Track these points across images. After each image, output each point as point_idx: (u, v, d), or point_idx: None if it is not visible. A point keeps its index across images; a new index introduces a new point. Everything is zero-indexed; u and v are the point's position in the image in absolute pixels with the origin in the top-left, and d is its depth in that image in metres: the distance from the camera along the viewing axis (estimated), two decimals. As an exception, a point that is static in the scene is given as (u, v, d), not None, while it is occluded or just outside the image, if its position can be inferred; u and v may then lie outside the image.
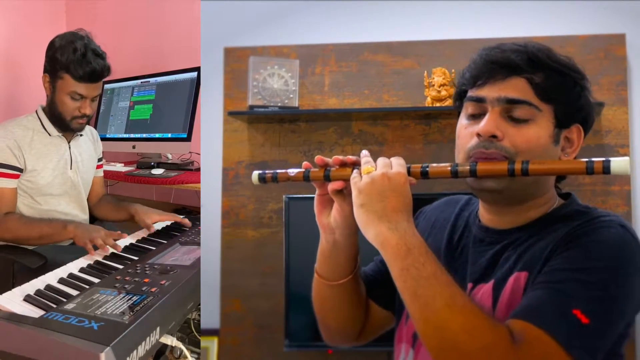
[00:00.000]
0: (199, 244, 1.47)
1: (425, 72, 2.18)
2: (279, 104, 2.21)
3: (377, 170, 0.81)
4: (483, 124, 0.82)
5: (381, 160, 0.83)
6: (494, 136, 0.81)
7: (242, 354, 2.25)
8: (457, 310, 0.72)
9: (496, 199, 0.87)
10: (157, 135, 2.39)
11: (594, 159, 0.75)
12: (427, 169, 0.83)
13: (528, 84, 0.82)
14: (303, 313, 2.08)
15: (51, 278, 1.16)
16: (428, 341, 0.74)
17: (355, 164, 0.87)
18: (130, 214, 1.76)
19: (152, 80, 2.48)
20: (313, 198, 0.93)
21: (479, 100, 0.84)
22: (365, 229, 0.80)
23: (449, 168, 0.83)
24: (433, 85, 2.15)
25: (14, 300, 1.02)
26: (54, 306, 0.96)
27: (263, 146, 2.31)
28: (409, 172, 0.83)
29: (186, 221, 1.71)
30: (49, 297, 1.05)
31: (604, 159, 0.74)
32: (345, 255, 0.93)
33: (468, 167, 0.81)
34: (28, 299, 1.03)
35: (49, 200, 1.72)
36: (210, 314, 2.25)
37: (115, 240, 1.46)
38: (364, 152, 0.86)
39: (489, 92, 0.83)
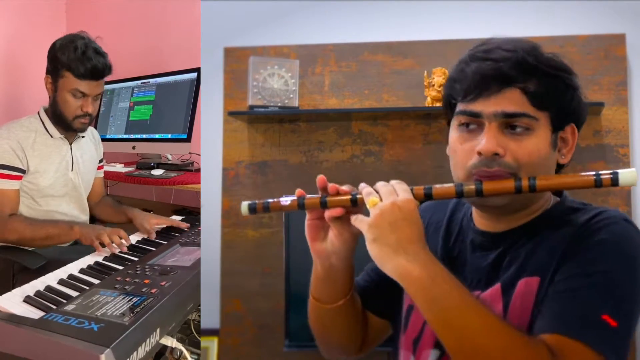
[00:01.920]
0: (199, 244, 1.47)
1: (425, 72, 2.18)
2: (279, 104, 2.21)
3: (384, 200, 0.78)
4: (484, 143, 0.79)
5: (384, 189, 0.80)
6: (495, 154, 0.79)
7: (242, 354, 2.25)
8: (495, 334, 0.71)
9: (498, 212, 0.86)
10: (157, 136, 2.39)
11: (601, 172, 0.75)
12: (431, 190, 0.81)
13: (522, 94, 0.80)
14: (303, 313, 2.05)
15: (51, 279, 1.17)
16: None
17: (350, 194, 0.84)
18: (129, 217, 1.78)
19: (151, 81, 2.48)
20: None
21: (475, 116, 0.82)
22: (382, 263, 0.77)
23: (454, 188, 0.81)
24: (433, 85, 2.14)
25: (14, 301, 1.02)
26: (54, 307, 0.96)
27: (263, 146, 2.31)
28: (412, 194, 0.80)
29: (184, 224, 1.71)
30: (49, 298, 1.05)
31: (611, 171, 0.74)
32: (342, 278, 0.91)
33: (474, 187, 0.79)
34: (28, 300, 1.03)
35: (49, 202, 1.72)
36: (210, 314, 2.25)
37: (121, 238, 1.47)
38: (362, 184, 0.83)
39: (485, 106, 0.80)
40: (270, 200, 0.88)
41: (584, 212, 0.83)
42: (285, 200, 0.87)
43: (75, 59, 1.58)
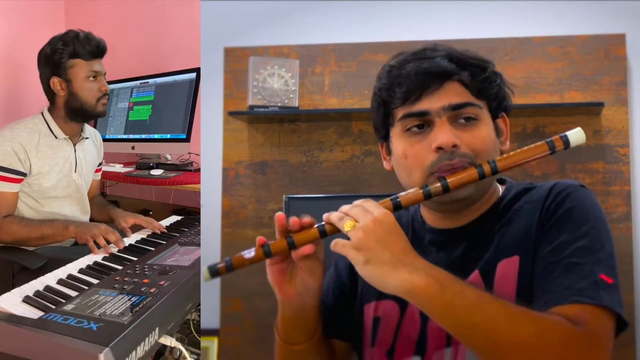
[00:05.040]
0: (198, 244, 1.47)
1: (425, 72, 2.18)
2: (279, 104, 2.21)
3: (361, 220, 0.74)
4: (441, 137, 0.79)
5: (354, 210, 0.76)
6: (454, 146, 0.80)
7: (242, 354, 2.25)
8: (517, 319, 0.70)
9: (457, 207, 0.86)
10: (156, 136, 2.39)
11: (552, 138, 0.79)
12: (398, 199, 0.79)
13: (462, 85, 0.83)
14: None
15: (50, 279, 1.16)
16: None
17: (312, 225, 0.80)
18: (110, 216, 1.79)
19: (151, 81, 2.48)
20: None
21: (423, 114, 0.82)
22: (383, 283, 0.72)
23: (421, 191, 0.80)
24: (433, 85, 2.14)
25: (13, 302, 1.02)
26: (53, 307, 0.96)
27: (263, 146, 2.31)
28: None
29: (161, 227, 1.67)
30: (48, 298, 1.05)
31: (561, 134, 0.78)
32: (314, 314, 0.88)
33: (439, 184, 0.79)
34: (27, 300, 1.03)
35: (52, 203, 1.72)
36: (210, 314, 2.25)
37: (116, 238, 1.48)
38: (325, 214, 0.79)
39: (431, 103, 0.81)
40: (233, 257, 0.82)
41: (538, 189, 0.86)
42: (249, 253, 0.81)
43: (79, 44, 1.63)
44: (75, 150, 1.76)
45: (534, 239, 0.80)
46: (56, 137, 1.70)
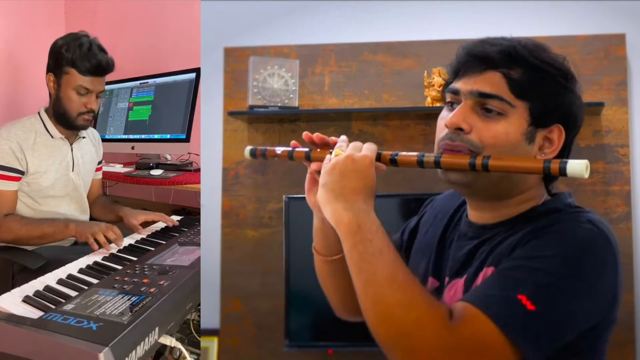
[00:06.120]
0: (198, 244, 1.47)
1: (425, 72, 2.18)
2: (279, 104, 2.21)
3: (345, 152, 0.83)
4: (452, 117, 0.82)
5: (352, 144, 0.85)
6: (460, 129, 0.81)
7: (242, 354, 2.25)
8: (397, 286, 0.72)
9: (466, 193, 0.88)
10: (156, 136, 2.38)
11: (551, 159, 0.75)
12: (396, 156, 0.85)
13: (504, 78, 0.81)
14: (303, 313, 2.08)
15: (50, 279, 1.16)
16: (367, 314, 0.74)
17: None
18: (119, 215, 1.78)
19: (150, 81, 2.48)
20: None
21: (455, 92, 0.85)
22: (323, 207, 0.81)
23: (416, 157, 0.84)
24: (433, 85, 2.14)
25: (13, 301, 1.02)
26: (53, 307, 0.96)
27: (263, 146, 2.31)
28: (379, 158, 0.85)
29: (171, 220, 1.71)
30: (48, 298, 1.05)
31: (561, 160, 0.73)
32: (334, 233, 0.89)
33: (433, 158, 0.82)
34: (27, 299, 1.03)
35: (50, 202, 1.72)
36: (210, 314, 2.25)
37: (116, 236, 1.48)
38: (342, 137, 0.88)
39: (464, 84, 0.83)
40: (269, 147, 0.99)
41: (564, 213, 0.82)
42: (280, 150, 0.97)
43: (80, 56, 1.60)
44: (72, 150, 1.76)
45: (508, 253, 0.79)
46: (52, 137, 1.70)
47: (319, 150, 0.91)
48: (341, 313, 1.05)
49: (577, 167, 0.71)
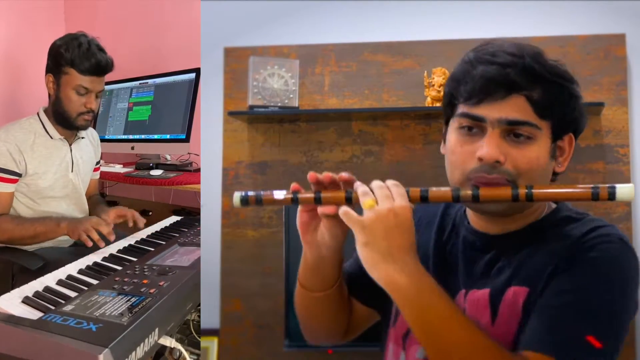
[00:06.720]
0: (197, 245, 1.47)
1: (425, 72, 2.18)
2: (279, 104, 2.21)
3: (381, 204, 0.77)
4: (487, 150, 0.78)
5: (380, 191, 0.78)
6: (497, 161, 0.78)
7: (242, 354, 2.25)
8: (478, 352, 0.72)
9: (495, 217, 0.86)
10: (155, 137, 2.39)
11: (599, 185, 0.74)
12: (428, 193, 0.80)
13: (527, 101, 0.79)
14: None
15: (50, 280, 1.16)
16: None
17: (348, 183, 0.83)
18: (99, 214, 1.77)
19: (150, 81, 2.48)
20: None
21: (478, 120, 0.80)
22: (370, 268, 0.77)
23: (451, 193, 0.79)
24: (433, 85, 2.14)
25: (13, 302, 1.02)
26: (53, 308, 0.96)
27: (263, 146, 2.31)
28: (408, 197, 0.79)
29: (141, 220, 1.69)
30: (48, 298, 1.04)
31: (609, 185, 0.73)
32: (331, 268, 0.90)
33: (470, 192, 0.78)
34: (26, 300, 1.03)
35: (49, 203, 1.72)
36: (210, 314, 2.25)
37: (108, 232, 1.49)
38: (358, 183, 0.81)
39: (489, 111, 0.79)
40: (263, 192, 0.87)
41: (581, 224, 0.82)
42: (280, 194, 0.86)
43: (79, 55, 1.60)
44: (71, 150, 1.76)
45: (547, 277, 0.78)
46: (51, 138, 1.70)
47: (331, 191, 0.83)
48: (321, 340, 1.04)
49: (625, 191, 0.72)
